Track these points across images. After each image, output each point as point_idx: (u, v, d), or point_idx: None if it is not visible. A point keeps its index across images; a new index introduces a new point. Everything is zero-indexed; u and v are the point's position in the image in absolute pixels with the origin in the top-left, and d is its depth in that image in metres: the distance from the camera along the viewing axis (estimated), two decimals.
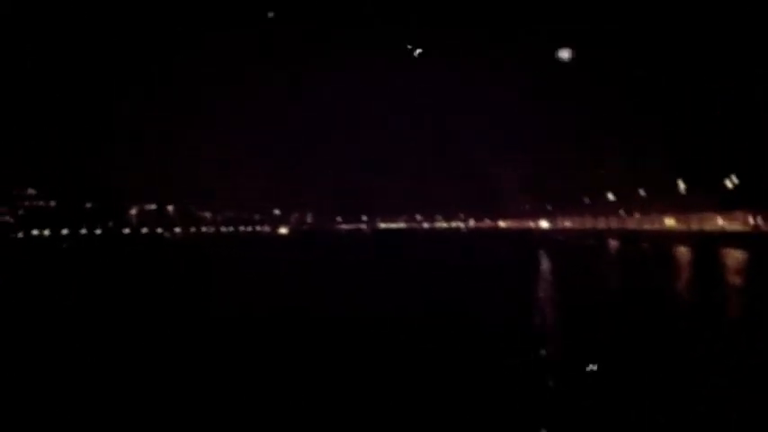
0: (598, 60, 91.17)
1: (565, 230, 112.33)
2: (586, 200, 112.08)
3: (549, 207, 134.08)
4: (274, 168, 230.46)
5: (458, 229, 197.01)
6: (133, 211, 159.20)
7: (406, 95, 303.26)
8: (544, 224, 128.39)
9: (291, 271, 45.52)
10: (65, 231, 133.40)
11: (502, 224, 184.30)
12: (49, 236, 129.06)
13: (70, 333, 19.85)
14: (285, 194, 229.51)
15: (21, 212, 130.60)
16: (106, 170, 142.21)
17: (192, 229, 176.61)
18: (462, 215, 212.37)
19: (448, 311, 22.32)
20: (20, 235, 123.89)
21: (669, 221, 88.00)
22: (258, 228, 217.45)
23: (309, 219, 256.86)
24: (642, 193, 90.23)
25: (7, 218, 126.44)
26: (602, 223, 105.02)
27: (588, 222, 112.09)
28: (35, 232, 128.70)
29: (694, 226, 78.25)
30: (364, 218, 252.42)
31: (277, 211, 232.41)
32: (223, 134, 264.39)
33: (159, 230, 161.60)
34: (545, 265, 47.20)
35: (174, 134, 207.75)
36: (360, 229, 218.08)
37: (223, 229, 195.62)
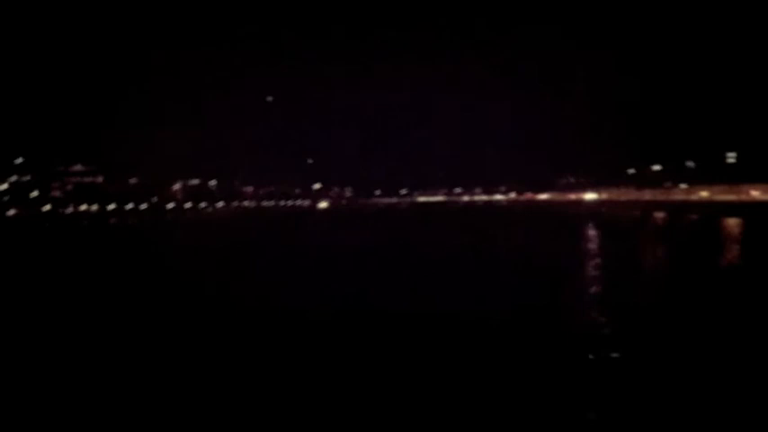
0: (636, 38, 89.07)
1: (610, 202, 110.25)
2: (630, 170, 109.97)
3: (590, 179, 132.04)
4: (313, 142, 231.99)
5: (498, 201, 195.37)
6: (177, 186, 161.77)
7: (446, 70, 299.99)
8: (590, 196, 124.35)
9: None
10: (111, 207, 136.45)
11: (543, 196, 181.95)
12: (97, 211, 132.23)
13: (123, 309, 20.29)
14: (325, 168, 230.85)
15: (69, 188, 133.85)
16: (149, 146, 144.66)
17: (235, 204, 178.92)
18: (503, 187, 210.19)
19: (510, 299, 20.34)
20: (69, 210, 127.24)
21: (714, 193, 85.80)
22: (298, 202, 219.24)
23: (348, 193, 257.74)
24: (690, 164, 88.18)
25: (57, 193, 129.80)
26: (647, 195, 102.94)
27: (632, 194, 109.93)
28: (83, 207, 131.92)
29: (744, 197, 76.25)
30: (403, 191, 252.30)
31: (317, 186, 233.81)
32: (264, 111, 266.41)
33: (202, 205, 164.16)
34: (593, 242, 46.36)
35: (216, 109, 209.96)
36: (398, 203, 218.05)
37: (264, 203, 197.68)
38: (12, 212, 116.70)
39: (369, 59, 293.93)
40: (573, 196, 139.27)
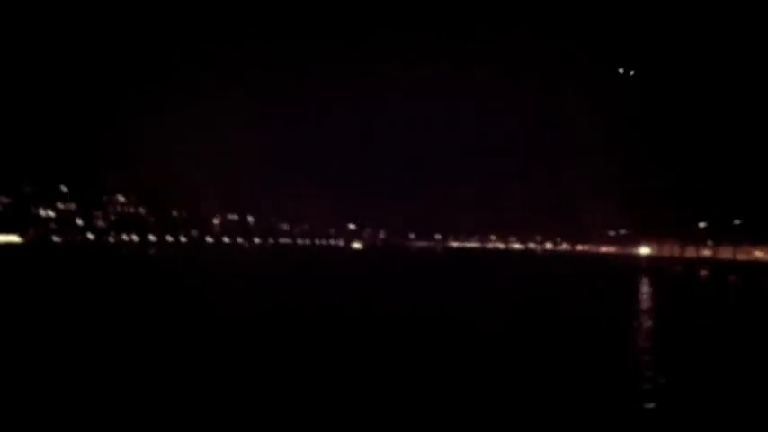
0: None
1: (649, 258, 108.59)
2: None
3: (625, 231, 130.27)
4: (348, 183, 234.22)
5: (533, 251, 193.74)
6: (216, 221, 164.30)
7: (486, 112, 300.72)
8: (645, 251, 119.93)
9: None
10: (152, 238, 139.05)
11: (580, 248, 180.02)
12: (139, 241, 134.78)
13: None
14: (360, 210, 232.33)
15: (113, 218, 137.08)
16: (191, 180, 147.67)
17: (270, 240, 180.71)
18: (539, 237, 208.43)
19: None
20: (111, 239, 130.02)
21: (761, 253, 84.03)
22: (333, 242, 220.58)
23: (382, 235, 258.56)
24: (737, 222, 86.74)
25: (100, 222, 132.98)
26: (691, 251, 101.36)
27: (675, 250, 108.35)
28: (125, 237, 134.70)
29: None
30: (437, 236, 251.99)
31: (352, 226, 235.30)
32: (300, 151, 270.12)
33: (240, 240, 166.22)
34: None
35: (253, 146, 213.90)
36: (431, 247, 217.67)
37: (300, 241, 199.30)
38: (57, 239, 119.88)
39: (414, 96, 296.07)
40: (619, 249, 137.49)
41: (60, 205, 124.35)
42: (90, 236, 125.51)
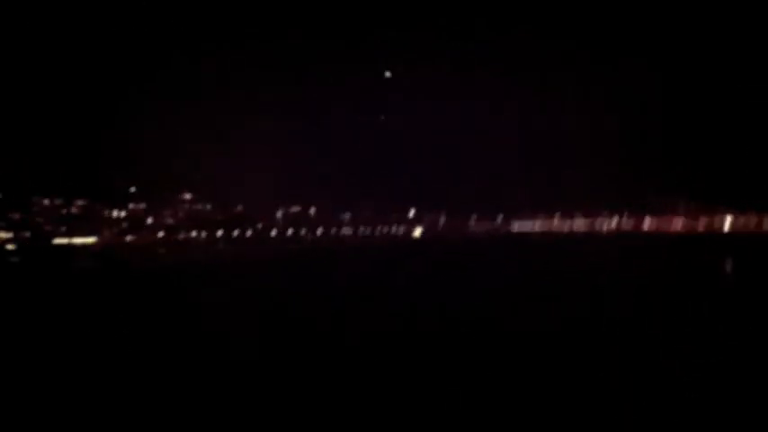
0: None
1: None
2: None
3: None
4: (408, 166, 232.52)
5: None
6: (279, 214, 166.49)
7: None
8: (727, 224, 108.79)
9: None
10: (219, 233, 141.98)
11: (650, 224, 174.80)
12: (206, 237, 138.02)
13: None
14: (420, 193, 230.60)
15: (181, 215, 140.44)
16: (252, 177, 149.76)
17: (333, 230, 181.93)
18: (606, 212, 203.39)
19: None
20: (181, 236, 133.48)
21: None
22: (394, 229, 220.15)
23: (443, 220, 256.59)
24: None
25: (170, 220, 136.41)
26: None
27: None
28: (194, 234, 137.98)
29: None
30: (499, 218, 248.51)
31: (412, 213, 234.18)
32: (364, 138, 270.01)
33: (302, 232, 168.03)
34: None
35: (307, 136, 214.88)
36: (491, 231, 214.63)
37: (361, 229, 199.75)
38: (129, 238, 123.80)
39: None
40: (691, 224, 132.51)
41: (131, 205, 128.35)
42: (160, 234, 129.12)
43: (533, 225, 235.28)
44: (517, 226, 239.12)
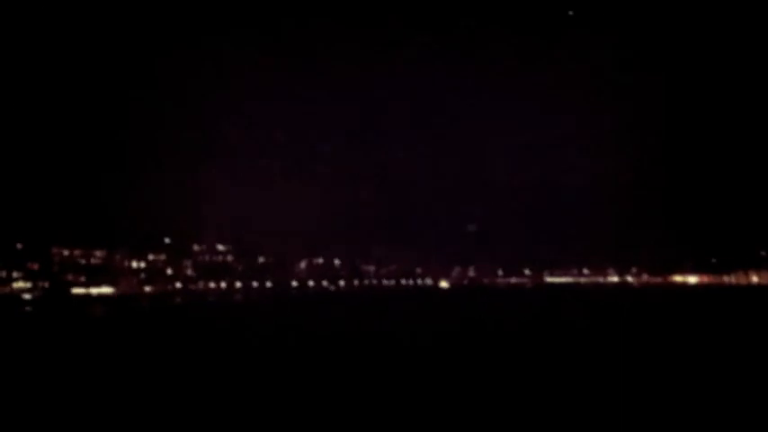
0: None
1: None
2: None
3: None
4: (434, 221, 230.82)
5: (631, 284, 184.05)
6: (302, 265, 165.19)
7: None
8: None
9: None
10: (238, 284, 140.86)
11: (677, 279, 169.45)
12: (225, 288, 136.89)
13: None
14: (446, 247, 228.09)
15: (200, 265, 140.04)
16: (275, 226, 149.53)
17: (356, 282, 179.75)
18: (635, 269, 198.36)
19: None
20: (200, 285, 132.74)
21: None
22: (420, 281, 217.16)
23: (471, 272, 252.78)
24: None
25: (189, 271, 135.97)
26: None
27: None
28: (212, 285, 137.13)
29: None
30: (527, 271, 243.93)
31: (438, 265, 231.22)
32: (383, 191, 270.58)
33: (325, 284, 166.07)
34: None
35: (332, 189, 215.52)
36: (520, 285, 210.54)
37: (385, 282, 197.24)
38: (148, 289, 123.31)
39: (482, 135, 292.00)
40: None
41: (151, 256, 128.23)
42: (178, 285, 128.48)
43: (562, 278, 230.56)
44: (548, 279, 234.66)
